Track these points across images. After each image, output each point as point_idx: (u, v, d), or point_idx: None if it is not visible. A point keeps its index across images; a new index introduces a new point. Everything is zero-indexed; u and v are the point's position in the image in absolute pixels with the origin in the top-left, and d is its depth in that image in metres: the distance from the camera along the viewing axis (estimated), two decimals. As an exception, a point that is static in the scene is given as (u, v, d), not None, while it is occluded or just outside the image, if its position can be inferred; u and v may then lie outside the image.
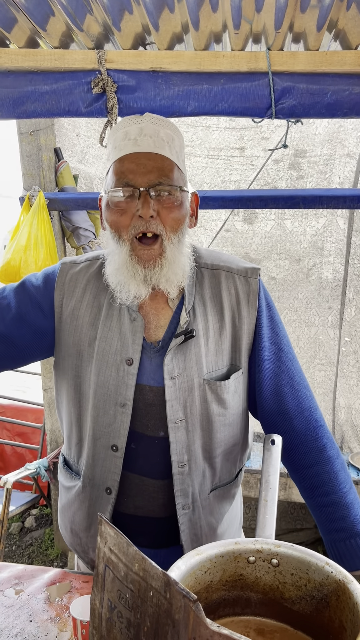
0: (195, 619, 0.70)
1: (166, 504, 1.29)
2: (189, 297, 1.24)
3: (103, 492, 1.29)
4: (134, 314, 1.23)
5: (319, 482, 1.26)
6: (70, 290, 1.28)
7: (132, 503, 1.30)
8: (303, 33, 1.41)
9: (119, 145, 1.17)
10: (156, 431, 1.25)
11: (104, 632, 0.89)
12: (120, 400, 1.23)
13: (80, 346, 1.26)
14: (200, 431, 1.25)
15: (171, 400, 1.22)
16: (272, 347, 1.28)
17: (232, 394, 1.27)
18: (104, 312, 1.25)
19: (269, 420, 1.31)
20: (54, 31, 1.47)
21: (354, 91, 1.45)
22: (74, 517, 1.38)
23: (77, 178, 3.00)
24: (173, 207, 1.16)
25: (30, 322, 1.27)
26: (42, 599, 1.31)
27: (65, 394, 1.33)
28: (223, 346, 1.25)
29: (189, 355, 1.22)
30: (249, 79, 1.49)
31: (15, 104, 1.56)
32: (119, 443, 1.25)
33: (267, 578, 1.01)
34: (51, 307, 1.28)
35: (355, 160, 2.76)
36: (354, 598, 0.87)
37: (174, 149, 1.18)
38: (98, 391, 1.24)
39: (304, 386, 1.31)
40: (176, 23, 1.39)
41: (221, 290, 1.26)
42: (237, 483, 1.40)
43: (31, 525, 3.60)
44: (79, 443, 1.33)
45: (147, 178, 1.14)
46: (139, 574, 0.81)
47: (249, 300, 1.26)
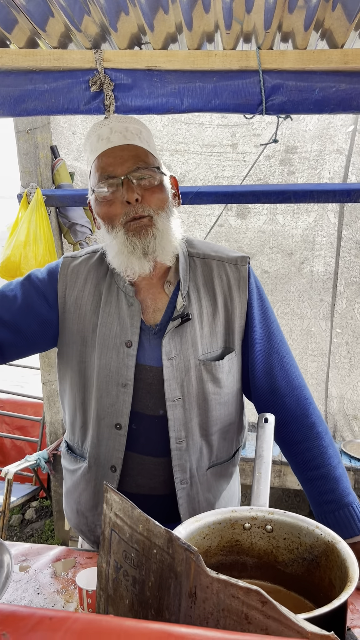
0: (196, 568, 0.77)
1: (166, 481, 1.36)
2: (184, 283, 1.32)
3: (108, 471, 1.35)
4: (131, 299, 1.31)
5: (310, 457, 1.33)
6: (73, 281, 1.35)
7: (134, 482, 1.37)
8: (291, 32, 1.48)
9: (95, 147, 1.27)
10: (156, 410, 1.32)
11: (110, 591, 0.96)
12: (122, 381, 1.30)
13: (85, 333, 1.34)
14: (197, 409, 1.32)
15: (169, 380, 1.29)
16: (263, 329, 1.36)
17: (227, 374, 1.34)
18: (103, 299, 1.33)
19: (262, 399, 1.39)
20: (53, 32, 1.53)
21: (340, 88, 1.52)
22: (79, 498, 1.45)
23: (74, 175, 3.06)
24: (155, 188, 1.25)
25: (36, 312, 1.34)
26: (49, 574, 1.38)
27: (69, 380, 1.40)
28: (217, 329, 1.33)
29: (185, 337, 1.30)
30: (240, 76, 1.55)
31: (16, 102, 1.62)
32: (122, 422, 1.31)
33: (261, 543, 1.08)
34: (55, 298, 1.35)
35: (344, 156, 2.83)
36: (342, 556, 0.94)
37: (144, 139, 1.28)
38: (101, 373, 1.31)
39: (293, 366, 1.39)
40: (170, 23, 1.46)
41: (213, 278, 1.34)
42: (234, 462, 1.47)
43: (31, 517, 3.65)
44: (83, 426, 1.39)
45: (125, 166, 1.23)
46: (143, 534, 0.87)
47: (240, 285, 1.34)
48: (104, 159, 1.24)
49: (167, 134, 2.92)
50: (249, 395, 1.44)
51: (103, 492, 1.38)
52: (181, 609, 0.81)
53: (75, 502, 1.47)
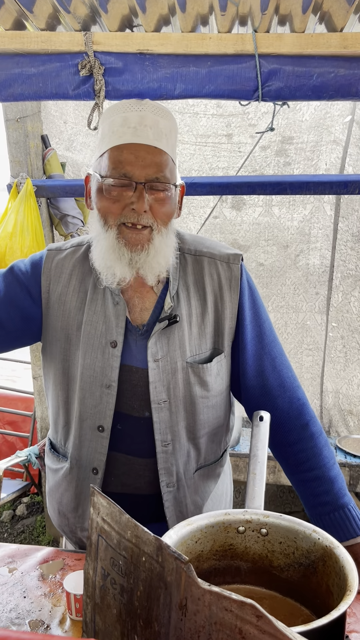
0: (187, 579, 0.72)
1: (152, 482, 1.32)
2: (173, 283, 1.26)
3: (90, 473, 1.31)
4: (117, 297, 1.25)
5: (303, 458, 1.29)
6: (57, 276, 1.29)
7: (119, 481, 1.33)
8: (289, 15, 1.43)
9: (118, 130, 1.16)
10: (142, 411, 1.28)
11: (97, 599, 0.91)
12: (106, 382, 1.25)
13: (69, 330, 1.28)
14: (183, 412, 1.28)
15: (155, 382, 1.25)
16: (254, 330, 1.31)
17: (215, 377, 1.30)
18: (89, 296, 1.27)
19: (253, 401, 1.34)
20: (41, 13, 1.46)
21: (339, 73, 1.46)
22: (61, 498, 1.41)
23: (65, 165, 3.00)
24: (165, 203, 1.18)
25: (19, 306, 1.29)
26: (36, 576, 1.33)
27: (52, 378, 1.35)
28: (206, 330, 1.28)
29: (172, 339, 1.25)
30: (235, 61, 1.50)
31: (2, 86, 1.56)
32: (105, 424, 1.27)
33: (256, 547, 1.03)
34: (38, 292, 1.30)
35: (341, 147, 2.78)
36: (340, 562, 0.90)
37: (171, 142, 1.19)
38: (84, 373, 1.26)
39: (285, 367, 1.34)
40: (163, 5, 1.39)
41: (204, 276, 1.29)
42: (222, 463, 1.43)
43: (22, 513, 3.61)
44: (66, 426, 1.35)
45: (145, 172, 1.14)
46: (131, 541, 0.83)
47: (231, 285, 1.29)
48: (125, 154, 1.14)
49: (160, 124, 2.85)
50: (239, 397, 1.39)
51: (84, 494, 1.35)
52: (171, 621, 0.76)
53: (57, 503, 1.43)
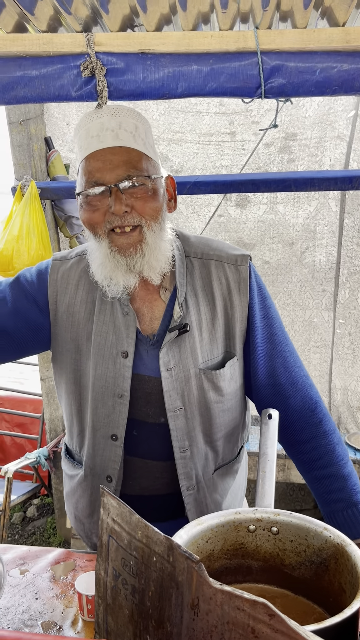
0: (199, 579, 0.72)
1: (170, 483, 1.32)
2: (180, 290, 1.25)
3: (104, 480, 1.32)
4: (126, 308, 1.24)
5: (316, 456, 1.28)
6: (63, 287, 1.29)
7: (138, 485, 1.34)
8: (290, 11, 1.42)
9: (83, 144, 1.16)
10: (157, 418, 1.28)
11: (109, 600, 0.91)
12: (118, 392, 1.25)
13: (79, 341, 1.28)
14: (199, 418, 1.28)
15: (169, 391, 1.24)
16: (265, 331, 1.30)
17: (228, 381, 1.29)
18: (97, 306, 1.26)
19: (265, 401, 1.33)
20: (42, 15, 1.46)
21: (342, 68, 1.46)
22: (77, 504, 1.42)
23: (69, 167, 3.00)
24: (147, 197, 1.15)
25: (26, 316, 1.28)
26: (47, 578, 1.33)
27: (64, 387, 1.35)
28: (217, 335, 1.27)
29: (183, 347, 1.24)
30: (237, 58, 1.49)
31: (5, 89, 1.56)
32: (118, 432, 1.27)
33: (267, 546, 1.03)
34: (46, 303, 1.29)
35: (345, 142, 2.76)
36: (352, 559, 0.89)
37: (139, 137, 1.16)
38: (96, 384, 1.26)
39: (297, 366, 1.33)
40: (164, 4, 1.39)
41: (212, 280, 1.27)
42: (239, 459, 1.43)
43: (33, 514, 3.62)
44: (80, 434, 1.36)
45: (114, 173, 1.12)
46: (142, 541, 0.82)
47: (240, 288, 1.27)
48: (92, 162, 1.14)
49: (163, 123, 2.85)
50: (250, 396, 1.39)
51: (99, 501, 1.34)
52: (183, 621, 0.76)
53: (73, 507, 1.45)
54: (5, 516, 2.90)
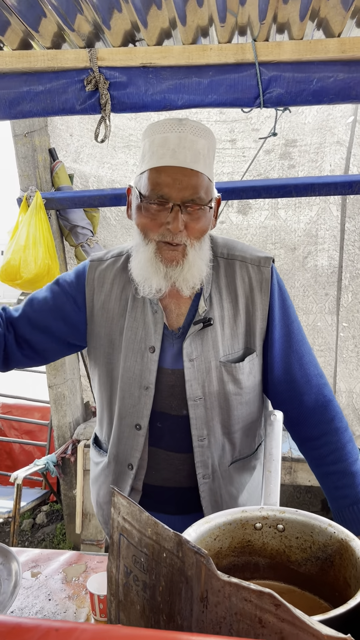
0: (207, 572, 0.75)
1: (190, 475, 1.38)
2: (206, 287, 1.32)
3: (125, 468, 1.39)
4: (155, 306, 1.33)
5: (327, 452, 1.32)
6: (100, 285, 1.38)
7: (160, 476, 1.41)
8: (287, 23, 1.46)
9: (157, 151, 1.19)
10: (180, 410, 1.35)
11: (121, 597, 0.94)
12: (144, 384, 1.33)
13: (112, 336, 1.37)
14: (218, 408, 1.34)
15: (190, 380, 1.31)
16: (283, 329, 1.36)
17: (247, 375, 1.35)
18: (129, 304, 1.35)
19: (280, 397, 1.39)
20: (46, 32, 1.51)
21: (339, 77, 1.49)
22: (99, 490, 1.50)
23: (73, 177, 3.05)
24: (200, 220, 1.22)
25: (65, 314, 1.38)
26: (59, 580, 1.36)
27: (97, 379, 1.44)
28: (238, 331, 1.34)
29: (206, 340, 1.31)
30: (236, 70, 1.53)
31: (12, 104, 1.61)
32: (142, 422, 1.35)
33: (273, 543, 1.06)
34: (83, 301, 1.38)
35: (345, 147, 2.80)
36: (356, 554, 0.92)
37: (208, 160, 1.22)
38: (124, 375, 1.35)
39: (312, 365, 1.38)
40: (164, 19, 1.44)
41: (236, 279, 1.34)
42: (257, 456, 1.48)
43: (42, 521, 3.65)
44: (109, 423, 1.44)
45: (181, 194, 1.18)
46: (152, 538, 0.85)
47: (262, 287, 1.33)
48: (163, 176, 1.18)
49: (165, 132, 2.89)
50: (266, 392, 1.44)
51: (119, 487, 1.42)
52: (193, 614, 0.79)
53: (96, 494, 1.53)
54: (15, 522, 2.93)
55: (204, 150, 1.20)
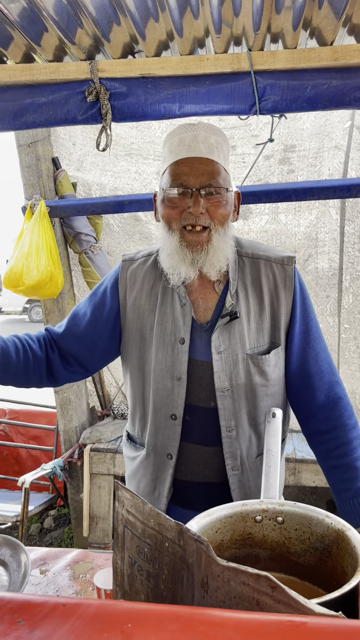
0: (207, 558, 0.79)
1: (219, 469, 1.43)
2: (233, 282, 1.39)
3: (165, 458, 1.44)
4: (184, 299, 1.39)
5: (334, 445, 1.38)
6: (132, 283, 1.46)
7: (190, 470, 1.45)
8: (280, 33, 1.51)
9: (175, 149, 1.32)
10: (208, 402, 1.40)
11: (126, 587, 0.98)
12: (176, 374, 1.39)
13: (143, 331, 1.43)
14: (245, 400, 1.39)
15: (218, 372, 1.37)
16: (302, 326, 1.43)
17: (273, 367, 1.41)
18: (159, 299, 1.42)
19: (293, 390, 1.45)
20: (48, 46, 1.57)
21: (332, 84, 1.54)
22: (139, 483, 1.54)
23: (76, 185, 3.11)
24: (220, 205, 1.31)
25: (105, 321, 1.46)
26: (67, 576, 1.40)
27: (130, 375, 1.50)
28: (263, 325, 1.40)
29: (233, 333, 1.37)
30: (233, 79, 1.58)
31: (16, 116, 1.66)
32: (177, 412, 1.40)
33: (273, 535, 1.09)
34: (117, 300, 1.46)
35: (343, 152, 2.84)
36: (352, 542, 0.95)
37: (222, 153, 1.33)
38: (157, 367, 1.41)
39: (327, 363, 1.44)
40: (161, 31, 1.49)
41: (261, 277, 1.41)
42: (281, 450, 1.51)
43: (50, 525, 3.68)
44: (143, 417, 1.49)
45: (199, 180, 1.29)
46: (154, 528, 0.89)
47: (286, 284, 1.40)
48: (181, 166, 1.30)
49: (166, 140, 2.94)
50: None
51: (160, 478, 1.47)
52: (194, 600, 0.82)
53: (134, 488, 1.56)
54: (23, 526, 2.97)
55: (216, 144, 1.31)
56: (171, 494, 1.46)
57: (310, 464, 2.90)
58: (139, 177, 3.12)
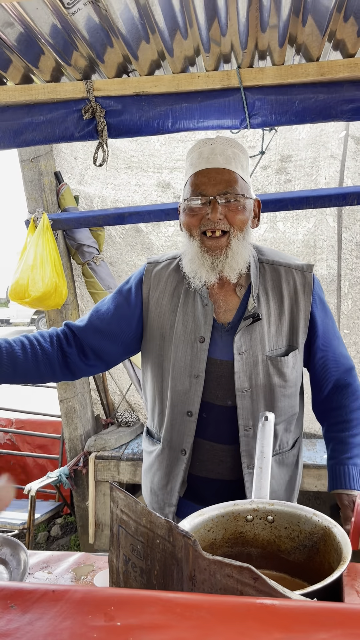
0: (194, 553, 0.83)
1: (233, 468, 1.48)
2: (254, 287, 1.46)
3: (179, 453, 1.50)
4: (205, 300, 1.46)
5: (335, 422, 1.52)
6: (155, 284, 1.52)
7: (204, 467, 1.51)
8: (268, 50, 1.57)
9: (195, 162, 1.40)
10: (225, 400, 1.46)
11: (121, 584, 1.02)
12: (195, 372, 1.45)
13: (163, 329, 1.49)
14: (263, 400, 1.45)
15: (239, 372, 1.43)
16: (323, 327, 1.50)
17: (291, 369, 1.48)
18: (181, 300, 1.49)
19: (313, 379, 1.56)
20: (45, 67, 1.64)
21: (319, 98, 1.59)
22: (153, 477, 1.59)
23: (78, 198, 3.18)
24: (238, 211, 1.37)
25: (128, 317, 1.52)
26: (69, 578, 1.44)
27: (150, 372, 1.56)
28: (282, 329, 1.47)
29: (254, 335, 1.44)
30: (223, 95, 1.64)
31: (15, 134, 1.73)
32: (193, 409, 1.46)
33: (264, 534, 1.13)
34: (140, 298, 1.52)
35: (338, 161, 2.90)
36: (337, 539, 0.99)
37: (239, 164, 1.40)
38: (176, 365, 1.47)
39: (343, 355, 1.55)
40: (153, 52, 1.55)
41: (281, 283, 1.47)
42: (294, 452, 1.59)
43: (57, 533, 3.72)
44: (160, 413, 1.55)
45: (216, 188, 1.36)
46: (146, 526, 0.94)
47: (305, 290, 1.47)
48: (200, 177, 1.38)
49: (164, 153, 3.01)
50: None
51: (173, 473, 1.53)
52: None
53: (149, 482, 1.61)
54: (30, 534, 3.01)
55: (233, 155, 1.39)
56: (185, 489, 1.52)
57: (312, 469, 2.93)
58: (139, 189, 3.19)
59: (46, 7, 1.33)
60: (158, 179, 3.13)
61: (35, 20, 1.38)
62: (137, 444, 3.33)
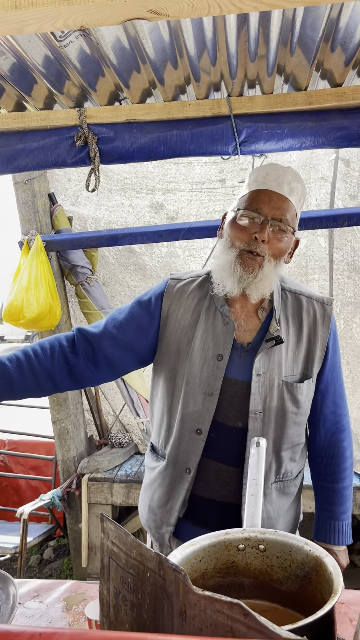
0: (184, 587, 0.82)
1: (236, 491, 1.47)
2: (277, 311, 1.48)
3: (183, 472, 1.48)
4: (227, 318, 1.46)
5: (329, 471, 1.53)
6: (177, 298, 1.52)
7: (208, 487, 1.49)
8: (257, 79, 1.60)
9: (261, 180, 1.43)
10: (235, 422, 1.45)
11: (112, 617, 1.01)
12: (209, 390, 1.44)
13: (180, 345, 1.49)
14: (274, 424, 1.45)
15: (254, 394, 1.43)
16: (332, 362, 1.51)
17: (304, 397, 1.48)
18: (202, 316, 1.49)
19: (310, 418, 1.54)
20: (38, 96, 1.66)
21: (307, 126, 1.62)
22: (153, 494, 1.57)
23: (72, 219, 3.20)
24: (281, 240, 1.41)
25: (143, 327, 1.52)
26: (60, 608, 1.42)
27: (160, 386, 1.55)
28: (299, 356, 1.48)
29: (272, 359, 1.44)
30: (214, 122, 1.67)
31: (9, 160, 1.75)
32: (203, 428, 1.45)
33: (256, 563, 1.12)
34: (159, 311, 1.52)
35: (329, 183, 2.93)
36: (329, 569, 0.98)
37: (299, 201, 1.46)
38: (190, 381, 1.46)
39: (342, 398, 1.55)
40: (144, 81, 1.58)
41: (302, 312, 1.50)
42: (296, 483, 1.58)
43: (49, 556, 3.67)
44: (168, 429, 1.53)
45: (272, 212, 1.39)
46: (137, 559, 0.93)
47: (324, 322, 1.49)
48: (262, 195, 1.41)
49: (157, 175, 3.04)
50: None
51: (175, 490, 1.51)
52: (174, 628, 0.86)
53: (149, 499, 1.59)
54: (22, 558, 2.97)
55: (297, 190, 1.44)
56: (185, 509, 1.50)
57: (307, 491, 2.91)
58: (132, 211, 3.22)
59: (38, 40, 1.36)
60: (151, 201, 3.15)
61: (28, 51, 1.41)
62: (130, 466, 3.31)
